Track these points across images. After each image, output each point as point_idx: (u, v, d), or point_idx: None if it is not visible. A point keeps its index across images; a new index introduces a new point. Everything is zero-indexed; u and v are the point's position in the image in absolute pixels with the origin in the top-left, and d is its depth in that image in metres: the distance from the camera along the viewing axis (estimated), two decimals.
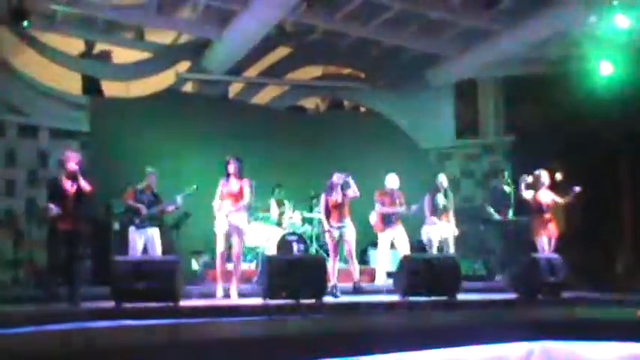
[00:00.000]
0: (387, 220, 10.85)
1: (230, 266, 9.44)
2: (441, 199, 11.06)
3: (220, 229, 9.36)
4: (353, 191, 9.85)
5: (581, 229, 13.33)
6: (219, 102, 14.78)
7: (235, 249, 9.37)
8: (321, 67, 16.18)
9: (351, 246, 9.93)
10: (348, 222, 9.92)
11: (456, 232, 11.12)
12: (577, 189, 10.67)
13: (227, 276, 9.45)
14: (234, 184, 9.43)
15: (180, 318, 7.58)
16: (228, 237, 9.36)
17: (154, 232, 9.67)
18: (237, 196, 9.40)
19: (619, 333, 5.83)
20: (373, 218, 10.92)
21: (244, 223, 9.50)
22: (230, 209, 9.33)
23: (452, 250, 10.98)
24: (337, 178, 9.84)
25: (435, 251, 10.83)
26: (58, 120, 12.87)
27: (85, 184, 8.45)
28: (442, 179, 11.24)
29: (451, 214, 11.16)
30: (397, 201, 10.85)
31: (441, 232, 10.98)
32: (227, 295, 9.28)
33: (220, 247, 9.36)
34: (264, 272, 8.73)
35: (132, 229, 9.61)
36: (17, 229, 11.94)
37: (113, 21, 13.35)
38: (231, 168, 9.43)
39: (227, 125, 13.84)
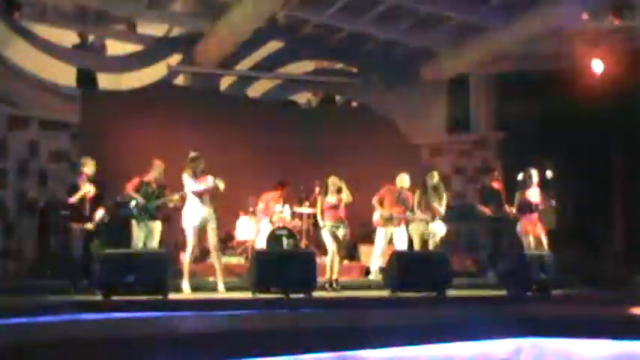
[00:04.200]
0: (388, 218, 10.75)
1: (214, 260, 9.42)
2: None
3: (191, 223, 9.28)
4: (347, 196, 10.00)
5: (572, 226, 13.34)
6: (211, 95, 14.74)
7: (211, 240, 9.33)
8: (313, 62, 16.15)
9: (340, 245, 9.98)
10: (342, 223, 10.03)
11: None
12: (553, 203, 10.74)
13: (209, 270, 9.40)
14: (203, 179, 9.33)
15: (169, 311, 7.57)
16: (199, 231, 9.29)
17: (155, 226, 9.62)
18: (207, 191, 9.34)
19: (609, 330, 5.83)
20: (375, 215, 10.83)
21: (212, 214, 9.38)
22: (199, 204, 9.27)
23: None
24: (332, 183, 10.04)
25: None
26: (48, 111, 12.80)
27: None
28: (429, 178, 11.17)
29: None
30: (403, 202, 10.75)
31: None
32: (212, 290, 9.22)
33: (193, 241, 9.26)
34: (253, 266, 8.71)
35: (134, 221, 9.58)
36: (7, 219, 11.88)
37: (105, 13, 13.29)
38: (203, 164, 9.39)
39: (218, 118, 13.83)
